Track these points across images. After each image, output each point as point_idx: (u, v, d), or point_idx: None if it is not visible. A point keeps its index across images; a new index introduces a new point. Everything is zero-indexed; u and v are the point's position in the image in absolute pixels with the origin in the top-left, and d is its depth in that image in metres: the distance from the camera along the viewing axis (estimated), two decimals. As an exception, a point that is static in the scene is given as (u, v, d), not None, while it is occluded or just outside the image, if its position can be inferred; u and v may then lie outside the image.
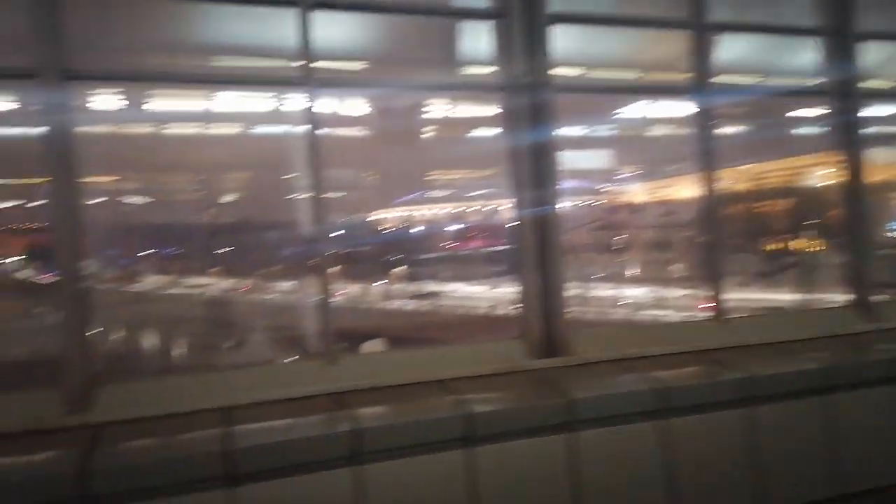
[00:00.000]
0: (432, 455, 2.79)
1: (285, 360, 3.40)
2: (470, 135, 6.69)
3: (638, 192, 9.90)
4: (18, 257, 4.18)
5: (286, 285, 4.11)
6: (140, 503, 2.39)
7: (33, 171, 3.74)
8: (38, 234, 4.20)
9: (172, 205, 3.92)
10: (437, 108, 6.01)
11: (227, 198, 4.11)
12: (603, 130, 8.93)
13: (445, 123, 6.61)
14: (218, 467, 2.48)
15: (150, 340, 3.58)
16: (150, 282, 3.81)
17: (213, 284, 3.75)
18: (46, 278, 4.24)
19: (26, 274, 4.25)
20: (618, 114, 8.19)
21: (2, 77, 2.84)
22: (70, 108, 2.85)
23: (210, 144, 3.71)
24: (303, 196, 3.82)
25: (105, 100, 3.28)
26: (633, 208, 9.54)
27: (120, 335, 3.30)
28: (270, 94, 3.79)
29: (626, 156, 9.85)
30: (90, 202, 3.01)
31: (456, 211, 9.08)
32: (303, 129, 3.20)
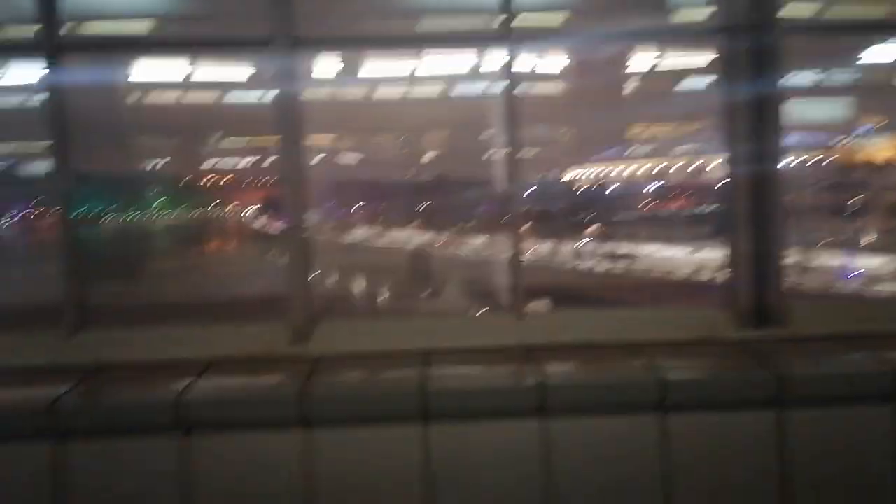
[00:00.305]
0: (621, 417, 2.72)
1: (477, 313, 3.52)
2: (678, 86, 6.19)
3: (881, 148, 8.45)
4: (254, 208, 4.83)
5: (480, 241, 4.23)
6: (346, 428, 2.69)
7: (267, 131, 4.27)
8: (270, 188, 4.77)
9: (379, 163, 4.22)
10: (643, 58, 5.63)
11: (428, 156, 4.30)
12: (841, 77, 7.71)
13: (651, 75, 6.19)
14: (414, 405, 2.67)
15: (358, 285, 3.94)
16: (359, 233, 4.18)
17: (412, 238, 4.00)
18: (276, 227, 4.81)
19: (260, 223, 4.89)
20: (860, 58, 6.99)
21: (242, 45, 3.23)
22: (298, 73, 3.16)
23: (414, 105, 3.90)
24: (498, 154, 3.85)
25: (325, 65, 3.59)
26: (875, 166, 8.17)
27: (334, 279, 3.67)
28: (471, 53, 3.84)
29: (868, 106, 8.42)
30: (312, 160, 3.34)
31: (657, 168, 8.56)
32: (500, 86, 3.22)
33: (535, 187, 3.29)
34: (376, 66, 3.94)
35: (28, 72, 3.61)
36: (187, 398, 2.68)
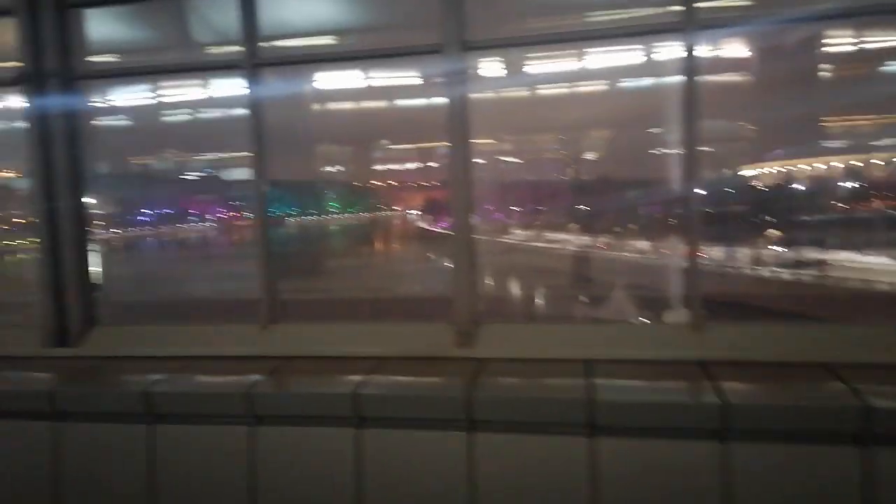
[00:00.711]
0: (812, 446, 2.43)
1: (645, 321, 3.35)
2: (880, 70, 5.43)
3: None
4: (416, 209, 5.01)
5: (644, 244, 4.02)
6: (510, 433, 2.67)
7: (430, 136, 4.41)
8: (431, 190, 4.92)
9: (539, 163, 4.16)
10: (838, 40, 5.00)
11: (589, 155, 4.17)
12: None
13: (847, 58, 5.48)
14: (580, 415, 2.59)
15: (519, 288, 3.92)
16: (518, 235, 4.16)
17: (572, 240, 3.90)
18: (437, 227, 4.94)
19: (423, 224, 5.06)
20: None
21: (413, 54, 3.37)
22: (467, 77, 3.22)
23: (576, 103, 3.79)
24: (669, 151, 3.63)
25: (490, 67, 3.62)
26: None
27: (495, 281, 3.68)
28: (641, 46, 3.65)
29: None
30: (475, 162, 3.38)
31: (852, 164, 7.53)
32: (675, 78, 3.02)
33: (711, 186, 3.05)
34: (540, 65, 3.89)
35: (228, 87, 4.07)
36: (362, 392, 2.84)
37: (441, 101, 3.25)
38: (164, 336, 3.60)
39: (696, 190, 3.00)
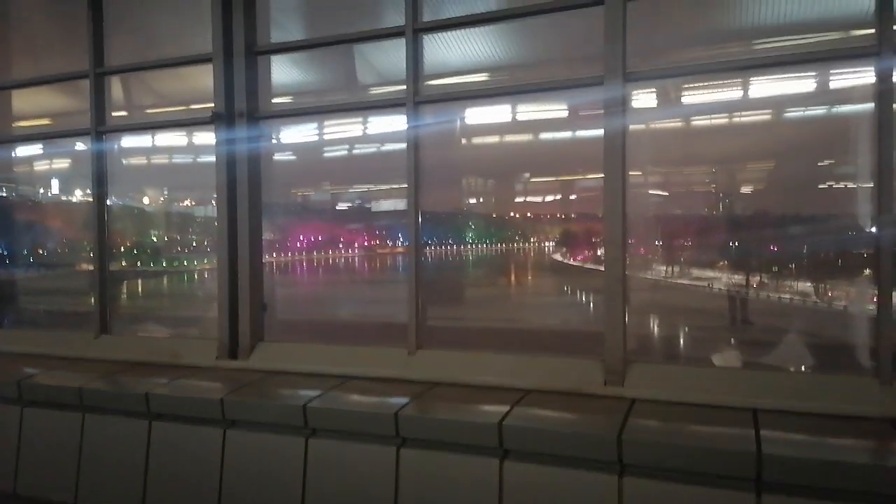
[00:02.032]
0: None
1: (819, 372, 3.04)
2: None
3: None
4: (552, 242, 4.98)
5: (807, 286, 3.67)
6: (663, 481, 2.52)
7: (573, 169, 4.39)
8: (568, 223, 4.87)
9: (689, 197, 3.98)
10: None
11: (745, 189, 3.92)
12: None
13: None
14: (747, 470, 2.39)
15: (666, 327, 3.73)
16: (662, 271, 3.97)
17: (720, 278, 3.65)
18: (572, 261, 4.87)
19: (558, 256, 5.00)
20: None
21: (575, 87, 3.39)
22: (626, 108, 3.18)
23: (735, 134, 3.59)
24: (846, 185, 3.33)
25: (645, 98, 3.54)
26: None
27: (641, 318, 3.54)
28: (813, 74, 3.40)
29: None
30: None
31: None
32: (855, 106, 2.79)
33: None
34: (698, 95, 3.75)
35: (382, 124, 4.34)
36: (507, 424, 2.82)
37: (588, 133, 3.22)
38: (320, 354, 3.83)
39: (889, 227, 2.71)
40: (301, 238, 5.53)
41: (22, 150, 5.39)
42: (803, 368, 3.15)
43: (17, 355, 4.58)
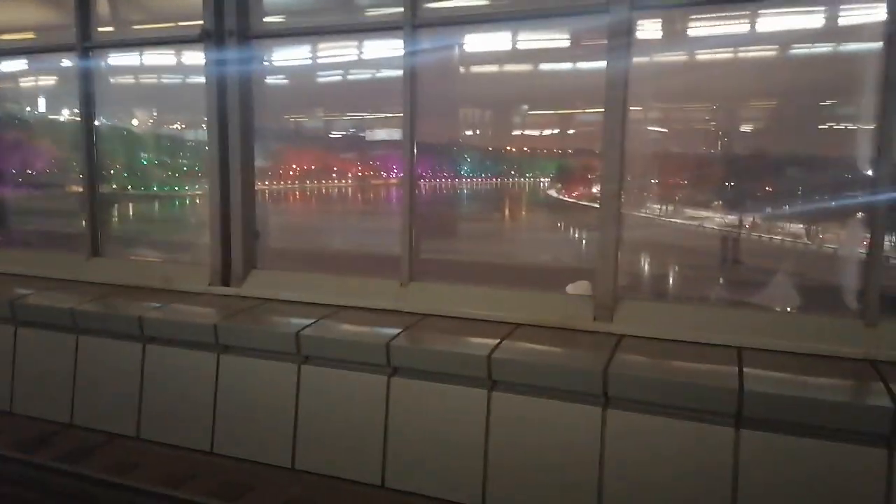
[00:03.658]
0: None
1: (805, 313, 3.08)
2: None
3: None
4: (548, 178, 4.92)
5: (798, 228, 3.67)
6: (645, 415, 2.58)
7: (572, 103, 4.28)
8: (565, 158, 4.80)
9: (688, 134, 3.91)
10: None
11: (745, 128, 3.84)
12: None
13: None
14: (729, 405, 2.46)
15: (657, 265, 3.75)
16: (657, 210, 3.95)
17: (713, 218, 3.64)
18: (568, 197, 4.83)
19: (553, 192, 4.95)
20: None
21: (577, 14, 3.25)
22: (631, 39, 3.07)
23: (737, 70, 3.49)
24: (847, 126, 3.28)
25: (649, 28, 3.41)
26: None
27: (633, 256, 3.54)
28: (823, 9, 3.27)
29: None
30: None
31: None
32: (864, 45, 2.70)
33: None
34: (704, 28, 3.62)
35: (379, 49, 4.18)
36: (496, 356, 2.87)
37: (589, 65, 3.12)
38: (313, 284, 3.84)
39: (886, 171, 2.68)
40: (294, 166, 5.45)
41: (6, 66, 5.20)
42: (789, 309, 3.19)
43: (9, 276, 4.57)
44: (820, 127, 3.63)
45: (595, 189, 3.46)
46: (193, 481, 3.12)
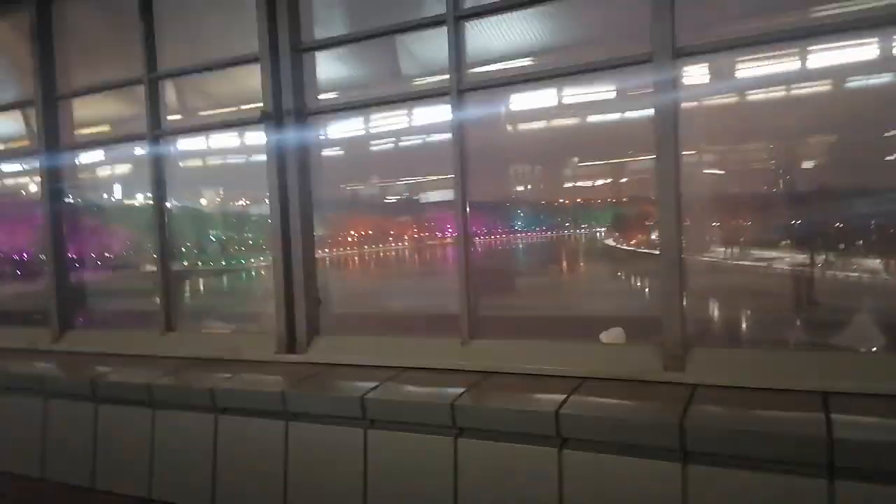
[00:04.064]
0: None
1: (891, 352, 2.90)
2: None
3: None
4: (603, 227, 4.87)
5: (876, 263, 3.49)
6: (729, 469, 2.45)
7: (622, 151, 4.28)
8: (619, 206, 4.76)
9: (747, 175, 3.83)
10: None
11: (806, 164, 3.74)
12: None
13: None
14: (819, 454, 2.30)
15: (728, 310, 3.62)
16: (721, 253, 3.84)
17: (782, 258, 3.50)
18: (624, 245, 4.77)
19: (609, 241, 4.90)
20: None
21: (623, 66, 3.30)
22: (677, 86, 3.08)
23: (792, 107, 3.43)
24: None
25: (697, 74, 3.42)
26: None
27: (700, 302, 3.44)
28: (876, 39, 3.21)
29: None
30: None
31: None
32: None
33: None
34: (751, 69, 3.60)
35: (427, 116, 4.34)
36: (564, 412, 2.79)
37: (637, 114, 3.13)
38: (375, 347, 3.88)
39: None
40: (352, 232, 5.61)
41: (85, 157, 5.63)
42: (874, 349, 3.01)
43: (89, 355, 4.81)
44: (887, 158, 3.50)
45: (654, 235, 3.41)
46: (267, 553, 3.12)
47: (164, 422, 3.87)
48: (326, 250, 4.61)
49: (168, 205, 4.86)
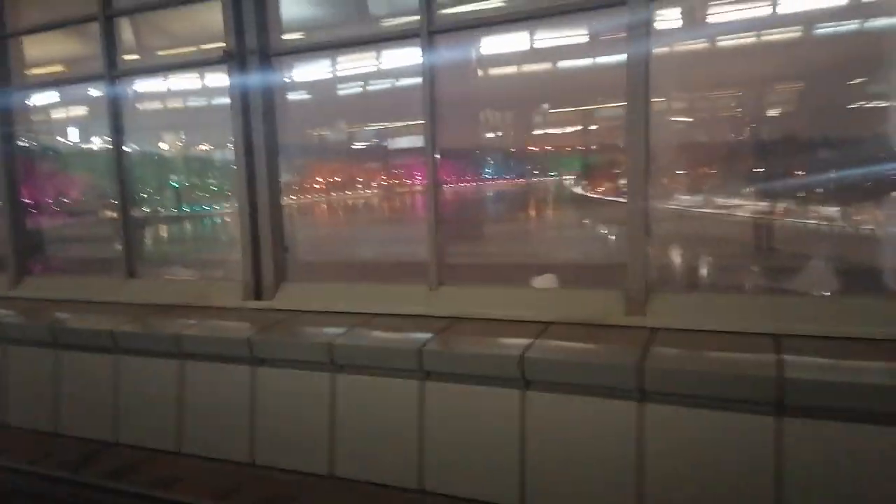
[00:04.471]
0: None
1: (843, 296, 3.00)
2: None
3: None
4: (572, 175, 4.88)
5: (832, 211, 3.58)
6: (684, 407, 2.55)
7: (593, 98, 4.26)
8: (588, 154, 4.76)
9: (713, 123, 3.84)
10: None
11: (772, 112, 3.77)
12: None
13: None
14: (769, 394, 2.41)
15: (690, 256, 3.69)
16: (685, 200, 3.89)
17: (744, 206, 3.56)
18: (593, 194, 4.79)
19: (578, 189, 4.91)
20: None
21: (595, 8, 3.23)
22: (650, 31, 3.04)
23: (760, 55, 3.43)
24: (876, 104, 3.20)
25: (669, 18, 3.37)
26: None
27: (664, 249, 3.50)
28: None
29: None
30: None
31: None
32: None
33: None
34: (723, 14, 3.57)
35: (397, 58, 4.22)
36: (529, 356, 2.85)
37: (609, 59, 3.10)
38: (342, 293, 3.88)
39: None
40: (319, 179, 5.52)
41: (39, 99, 5.38)
42: (827, 293, 3.12)
43: (48, 301, 4.71)
44: (849, 106, 3.55)
45: (622, 183, 3.44)
46: (237, 494, 3.17)
47: (129, 367, 3.85)
48: (293, 197, 4.53)
49: (127, 149, 4.69)
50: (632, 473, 2.63)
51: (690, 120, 3.82)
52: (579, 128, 4.55)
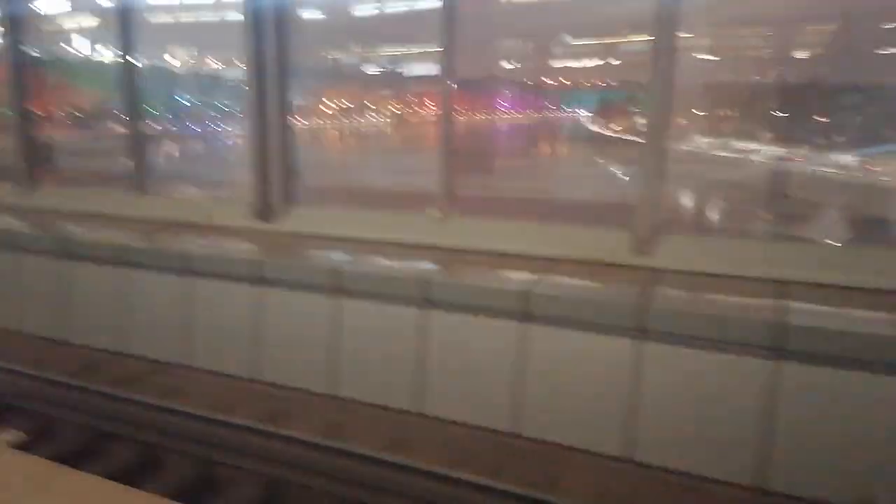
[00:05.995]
0: None
1: (850, 245, 2.98)
2: None
3: None
4: (588, 111, 4.75)
5: (849, 159, 3.50)
6: (679, 347, 2.58)
7: (617, 31, 4.10)
8: (606, 90, 4.63)
9: (738, 62, 3.70)
10: None
11: (799, 54, 3.62)
12: None
13: None
14: (768, 339, 2.43)
15: (701, 199, 3.66)
16: (703, 142, 3.81)
17: (761, 150, 3.48)
18: (608, 131, 4.70)
19: (594, 126, 4.81)
20: None
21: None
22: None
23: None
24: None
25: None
26: None
27: (675, 191, 3.46)
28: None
29: None
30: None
31: None
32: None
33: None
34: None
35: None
36: (534, 290, 2.87)
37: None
38: (350, 219, 3.89)
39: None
40: (331, 103, 5.43)
41: (48, 6, 5.24)
42: (838, 243, 3.10)
43: (58, 212, 4.75)
44: (880, 52, 3.42)
45: (639, 122, 3.36)
46: (240, 406, 3.27)
47: (139, 281, 3.90)
48: (304, 121, 4.47)
49: (137, 64, 4.60)
50: (627, 408, 2.70)
51: (717, 58, 3.69)
52: (600, 62, 4.41)
